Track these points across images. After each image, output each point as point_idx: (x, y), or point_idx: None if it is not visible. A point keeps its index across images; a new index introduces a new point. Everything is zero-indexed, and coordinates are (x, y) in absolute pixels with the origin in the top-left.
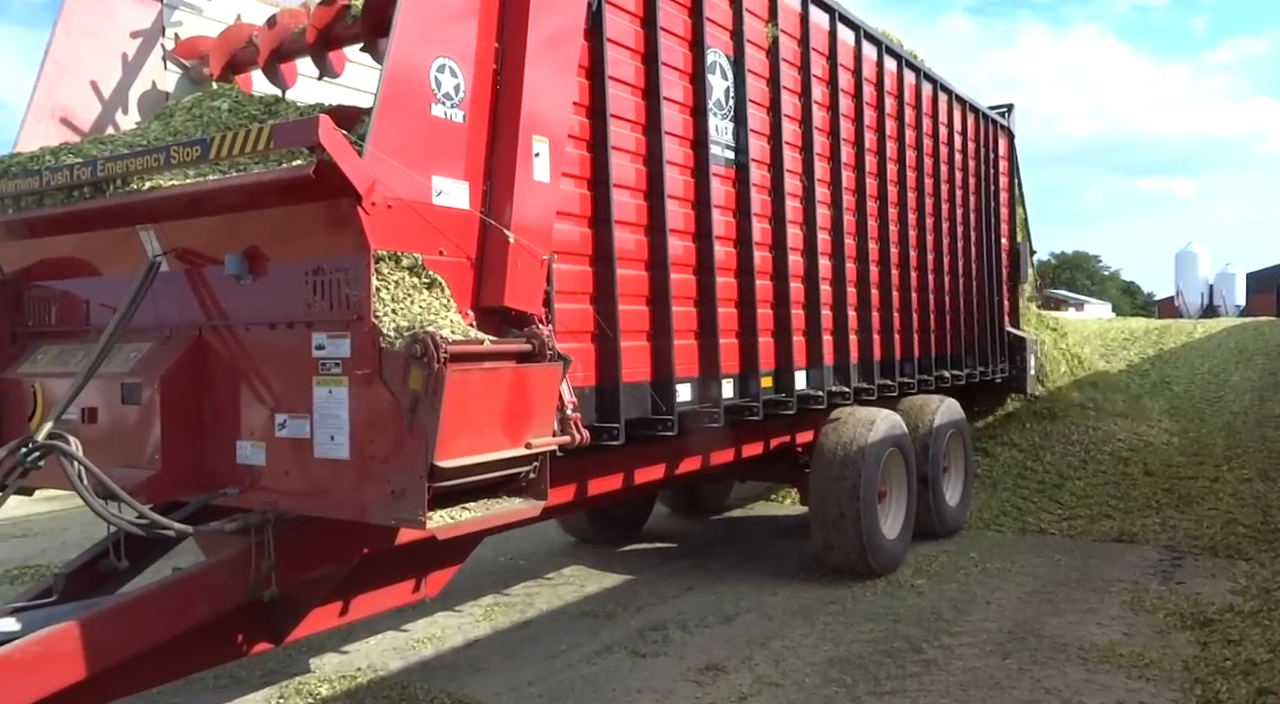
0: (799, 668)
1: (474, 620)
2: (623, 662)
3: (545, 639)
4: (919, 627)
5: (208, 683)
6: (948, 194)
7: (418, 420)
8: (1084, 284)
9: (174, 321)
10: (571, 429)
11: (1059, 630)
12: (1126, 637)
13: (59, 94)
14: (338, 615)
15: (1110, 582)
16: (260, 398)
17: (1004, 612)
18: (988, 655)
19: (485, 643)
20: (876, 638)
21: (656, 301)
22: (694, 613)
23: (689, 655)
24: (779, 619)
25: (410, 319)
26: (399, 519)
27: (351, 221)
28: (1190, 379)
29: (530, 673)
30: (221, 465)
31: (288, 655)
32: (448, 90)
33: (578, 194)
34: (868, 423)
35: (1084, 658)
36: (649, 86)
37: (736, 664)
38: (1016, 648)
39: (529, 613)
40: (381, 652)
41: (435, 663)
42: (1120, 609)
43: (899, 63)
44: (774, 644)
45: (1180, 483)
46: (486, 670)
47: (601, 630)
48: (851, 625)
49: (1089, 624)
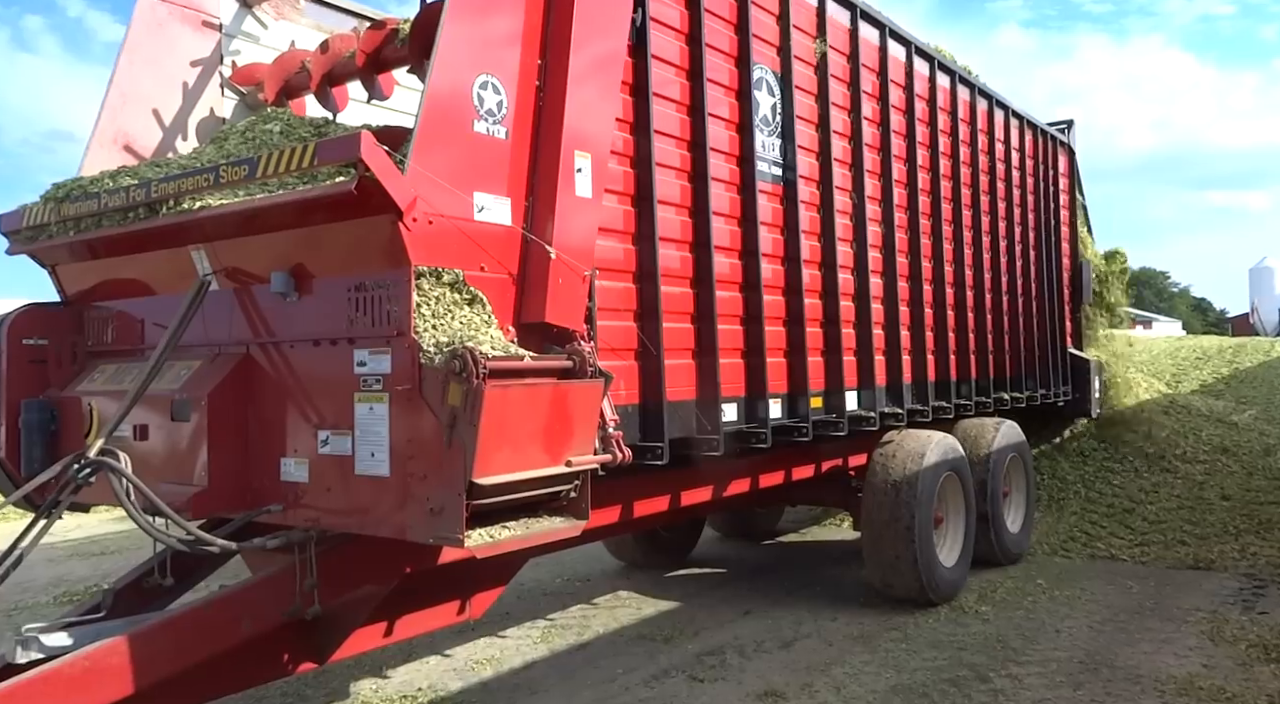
0: (861, 696)
1: (532, 642)
2: (680, 686)
3: (603, 662)
4: (985, 655)
5: (274, 699)
6: (1005, 212)
7: (456, 437)
8: (1152, 302)
9: (222, 340)
10: (613, 447)
11: (1133, 661)
12: (1206, 669)
13: (122, 121)
14: (382, 636)
15: (1187, 611)
16: (304, 415)
17: (1074, 641)
18: (1058, 686)
19: (542, 665)
20: (941, 666)
21: (702, 319)
22: (751, 638)
23: (747, 681)
24: (839, 645)
25: (450, 335)
26: (437, 537)
27: (393, 238)
28: (1269, 399)
29: (587, 696)
30: (266, 482)
31: (350, 674)
32: (490, 107)
33: (621, 210)
34: (922, 446)
35: (1160, 690)
36: (694, 103)
37: (796, 691)
38: (1089, 679)
39: (586, 635)
40: (442, 673)
41: (494, 684)
42: (1198, 639)
43: (952, 78)
44: (834, 671)
45: (1260, 508)
46: (544, 693)
47: (659, 654)
48: (914, 652)
49: (1165, 655)
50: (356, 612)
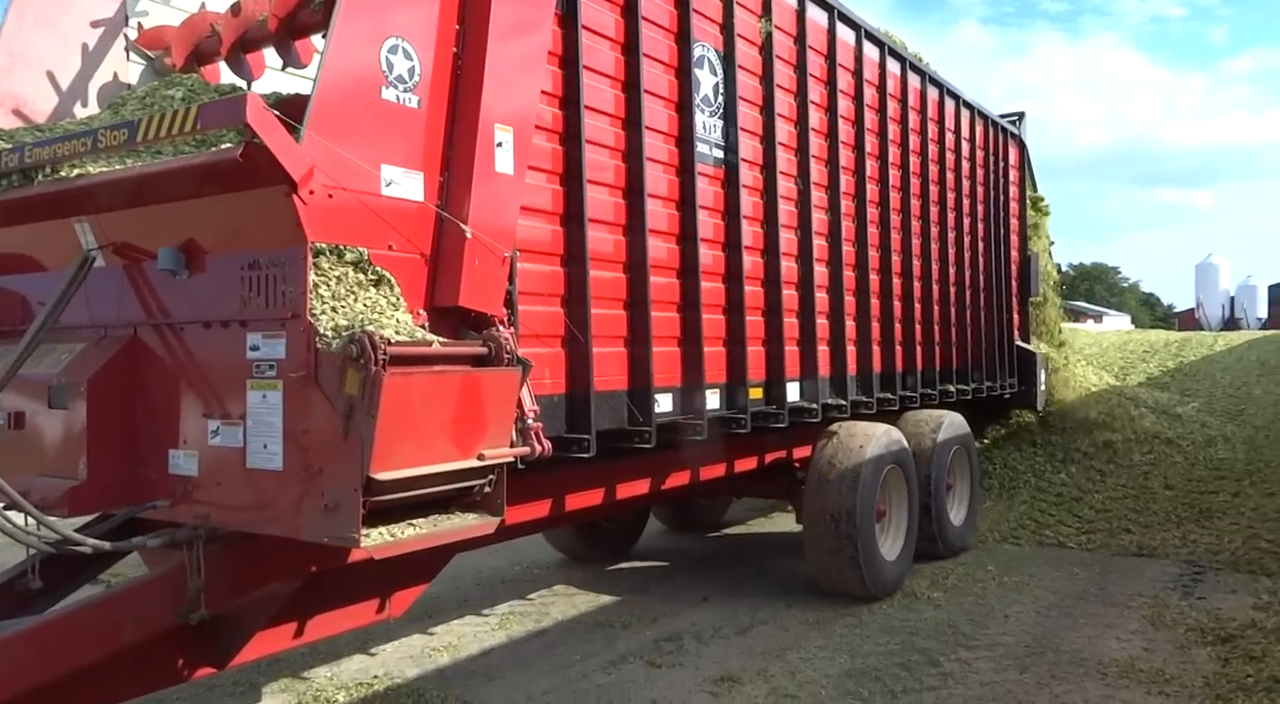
0: (815, 680)
1: (490, 629)
2: (638, 672)
3: (560, 649)
4: (935, 640)
5: (226, 688)
6: (954, 202)
7: (354, 428)
8: (1103, 296)
9: (109, 321)
10: (532, 440)
11: (1078, 645)
12: (1146, 652)
13: (10, 83)
14: (292, 637)
15: (1130, 596)
16: (193, 403)
17: (1022, 625)
18: (1005, 670)
19: (500, 651)
20: (893, 650)
21: (635, 306)
22: (709, 624)
23: (704, 666)
24: (794, 631)
25: (351, 318)
26: (332, 537)
27: (287, 211)
28: (1211, 392)
29: (545, 683)
30: (153, 476)
31: (305, 662)
32: (400, 73)
33: (549, 189)
34: (864, 438)
35: (1103, 673)
36: (629, 78)
37: (752, 675)
38: (1034, 662)
39: (544, 622)
40: (399, 659)
41: (451, 671)
42: (1140, 624)
43: (903, 65)
44: (789, 656)
45: (1201, 497)
46: (501, 679)
47: (617, 641)
48: (868, 638)
49: (1108, 639)
50: (258, 613)
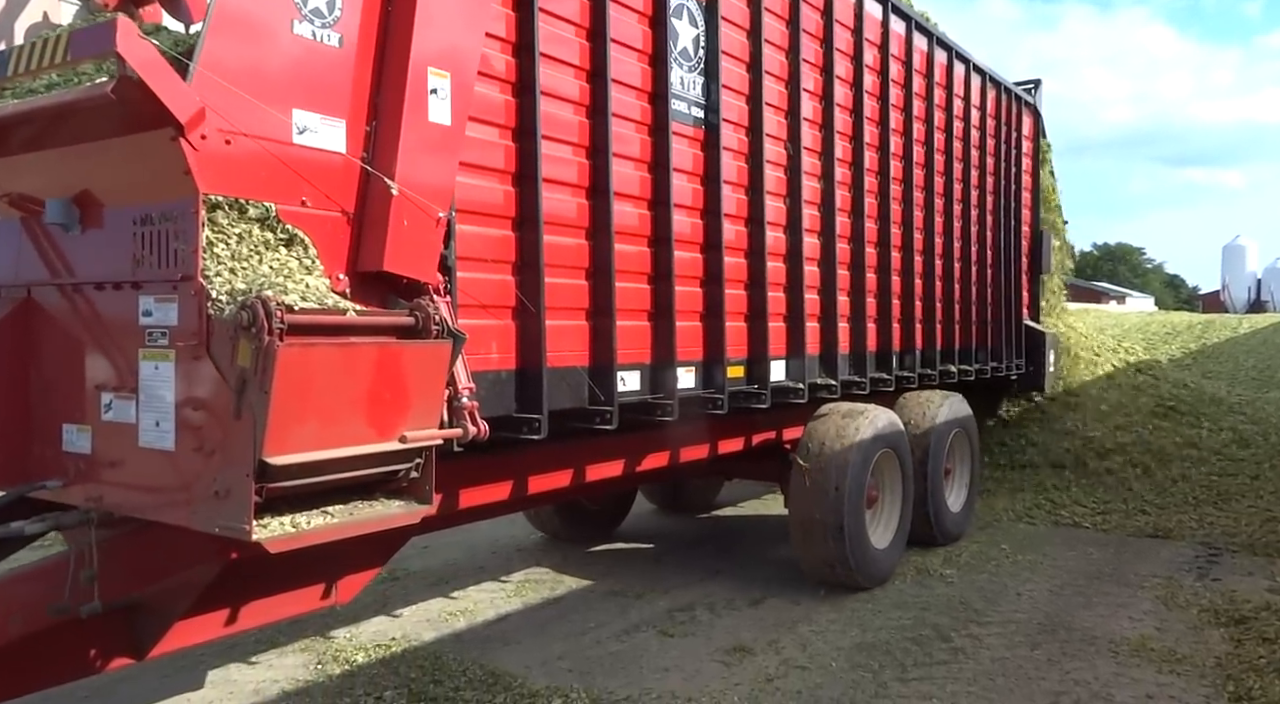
0: (825, 652)
1: (505, 596)
2: (651, 640)
3: (575, 616)
4: (948, 616)
5: (248, 647)
6: (960, 172)
7: (246, 405)
8: (1126, 277)
9: (3, 279)
10: (465, 420)
11: (1090, 624)
12: (1159, 632)
13: None
14: (223, 625)
15: (1144, 577)
16: (88, 373)
17: (1034, 603)
18: (1016, 646)
19: (516, 617)
20: (904, 625)
21: (597, 275)
22: (722, 596)
23: (716, 636)
24: (806, 604)
25: (252, 281)
26: (223, 527)
27: (174, 157)
28: (1234, 375)
29: (560, 648)
30: (48, 452)
31: (325, 624)
32: (317, 6)
33: (501, 146)
34: (856, 420)
35: (1114, 651)
36: (594, 26)
37: (764, 646)
38: (1046, 639)
39: (559, 590)
40: (416, 622)
41: (467, 635)
42: (1153, 604)
43: (908, 24)
44: (801, 628)
45: (1220, 480)
46: (517, 644)
47: (630, 609)
48: (879, 612)
49: (1120, 618)
50: (175, 602)
